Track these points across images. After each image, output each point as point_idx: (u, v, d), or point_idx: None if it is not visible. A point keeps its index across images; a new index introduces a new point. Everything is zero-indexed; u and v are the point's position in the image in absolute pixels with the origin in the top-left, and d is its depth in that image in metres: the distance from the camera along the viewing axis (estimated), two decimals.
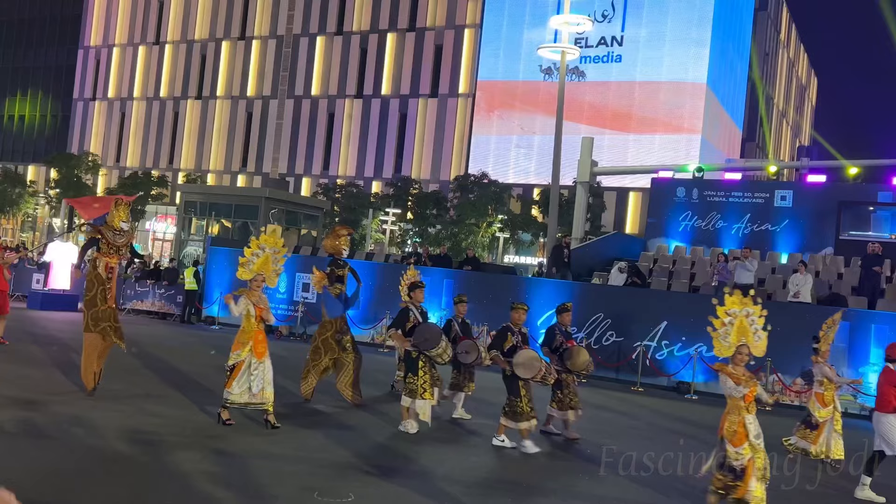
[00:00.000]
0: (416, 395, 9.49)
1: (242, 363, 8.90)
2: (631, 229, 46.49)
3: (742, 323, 7.20)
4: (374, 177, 55.57)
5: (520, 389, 9.02)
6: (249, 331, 8.99)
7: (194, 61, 62.97)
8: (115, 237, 10.39)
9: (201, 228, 32.13)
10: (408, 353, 9.80)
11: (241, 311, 8.99)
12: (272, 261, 9.32)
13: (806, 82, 77.91)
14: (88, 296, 10.32)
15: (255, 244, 9.30)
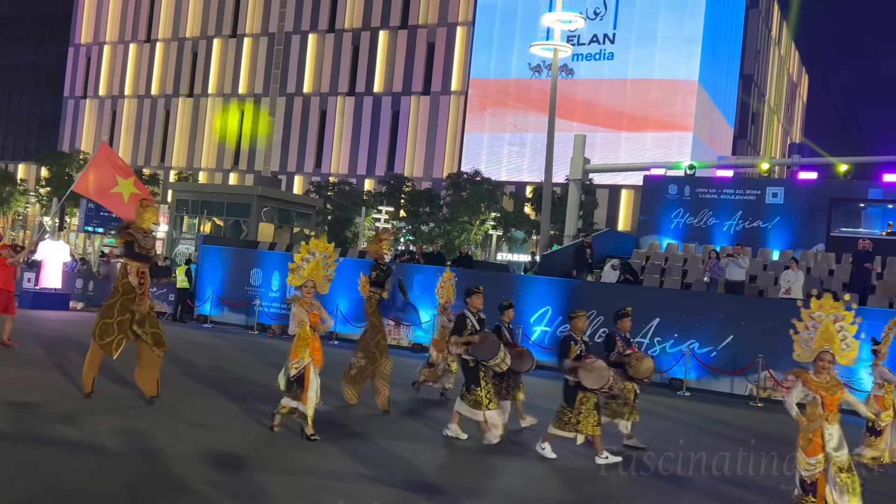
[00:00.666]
0: (482, 407, 9.12)
1: (308, 368, 8.52)
2: (623, 227, 46.60)
3: (828, 328, 6.92)
4: (366, 174, 55.52)
5: (576, 401, 8.73)
6: (305, 338, 8.61)
7: (186, 59, 62.78)
8: (144, 240, 9.77)
9: (193, 227, 32.05)
10: (465, 362, 9.38)
11: (301, 319, 8.60)
12: (322, 266, 8.99)
13: (797, 80, 78.17)
14: (108, 302, 9.72)
15: (304, 249, 8.96)
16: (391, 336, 19.52)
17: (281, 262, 21.44)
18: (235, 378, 12.88)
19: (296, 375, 8.51)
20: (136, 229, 9.75)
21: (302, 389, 8.47)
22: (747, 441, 10.88)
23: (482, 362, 9.24)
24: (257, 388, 11.75)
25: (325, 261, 9.00)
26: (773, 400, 15.46)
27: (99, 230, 30.93)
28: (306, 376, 8.49)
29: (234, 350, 16.59)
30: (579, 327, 9.21)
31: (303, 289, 8.77)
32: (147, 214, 9.83)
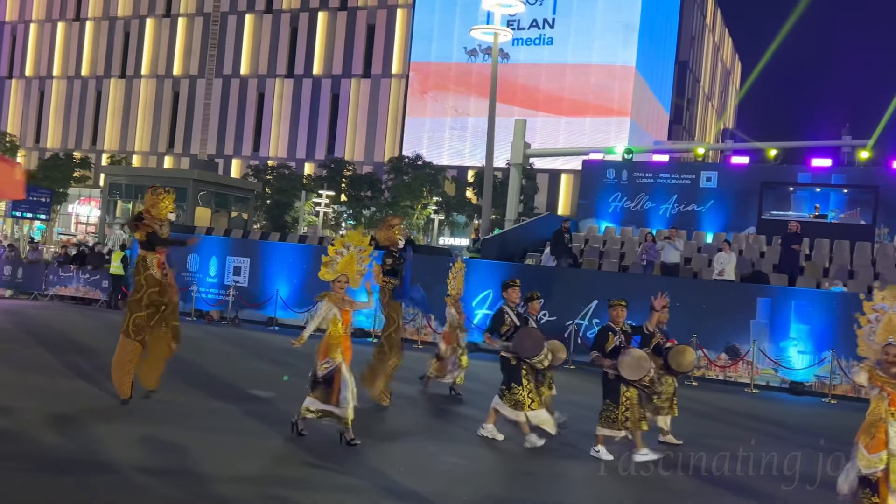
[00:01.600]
0: (524, 407, 8.60)
1: (340, 369, 8.05)
2: (563, 210, 47.15)
3: (892, 320, 6.48)
4: (306, 158, 54.88)
5: (620, 396, 8.30)
6: (337, 336, 8.11)
7: (117, 39, 60.92)
8: (160, 229, 9.46)
9: (127, 211, 31.26)
10: (505, 359, 8.85)
11: (325, 316, 8.15)
12: (356, 260, 8.46)
13: (730, 66, 79.98)
14: (135, 297, 9.36)
15: (339, 242, 8.46)
16: None
17: (218, 248, 21.09)
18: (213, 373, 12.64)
19: (325, 375, 8.02)
20: (153, 219, 9.37)
21: (332, 391, 7.98)
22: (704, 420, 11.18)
23: (525, 359, 8.69)
24: (235, 383, 11.56)
25: (360, 255, 8.51)
26: (706, 378, 15.90)
27: (27, 215, 29.89)
28: (337, 377, 8.01)
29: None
30: (618, 317, 8.65)
31: (335, 284, 8.27)
32: (164, 203, 9.47)
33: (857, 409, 14.38)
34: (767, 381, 15.53)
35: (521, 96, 49.41)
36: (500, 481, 7.60)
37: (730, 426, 11.24)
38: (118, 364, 9.25)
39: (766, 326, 15.69)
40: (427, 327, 18.47)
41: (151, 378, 9.59)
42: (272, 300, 19.87)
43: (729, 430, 10.86)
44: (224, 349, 15.06)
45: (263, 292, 20.12)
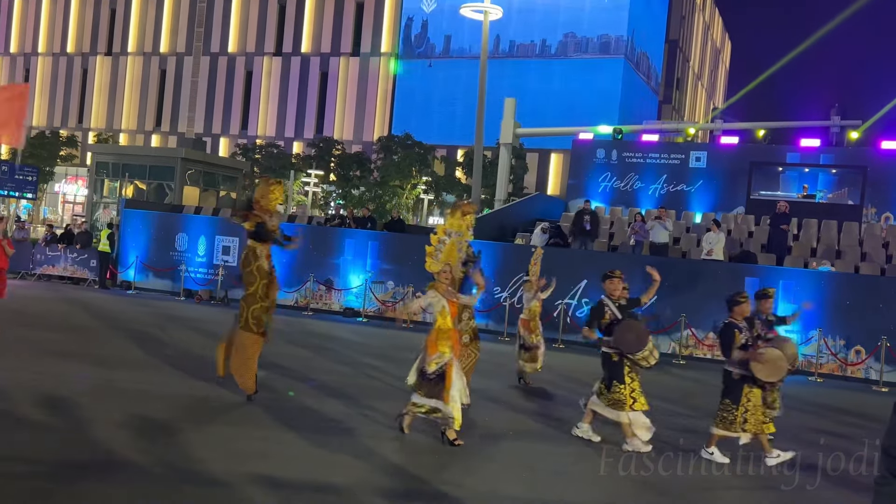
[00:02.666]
0: (626, 407, 7.97)
1: (451, 365, 7.66)
2: (553, 190, 47.14)
3: (453, 247, 6.80)
4: (294, 137, 54.56)
5: (742, 396, 7.78)
6: (446, 329, 7.71)
7: (103, 15, 60.16)
8: (270, 221, 9.13)
9: (114, 190, 31.04)
10: (606, 355, 8.24)
11: (434, 309, 7.77)
12: (458, 248, 7.97)
13: (720, 45, 79.83)
14: (250, 290, 9.05)
15: (440, 230, 7.99)
16: (321, 301, 19.44)
17: (207, 227, 21.00)
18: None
19: (436, 372, 7.65)
20: (263, 210, 9.09)
21: (443, 387, 7.58)
22: (675, 400, 11.27)
23: (628, 355, 8.06)
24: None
25: (461, 242, 8.02)
26: (694, 357, 16.03)
27: (14, 194, 29.66)
28: (448, 373, 7.61)
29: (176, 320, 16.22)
30: (743, 312, 8.05)
31: (441, 274, 7.81)
32: (274, 194, 9.20)
33: (843, 387, 14.58)
34: None
35: (511, 75, 49.24)
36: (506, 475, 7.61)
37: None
38: (242, 361, 8.94)
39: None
40: None
41: (225, 365, 9.33)
42: None
43: None
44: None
45: None
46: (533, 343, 11.24)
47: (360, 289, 18.98)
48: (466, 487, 6.47)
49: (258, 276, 9.06)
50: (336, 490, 6.17)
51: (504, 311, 17.30)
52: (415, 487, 6.51)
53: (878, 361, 14.95)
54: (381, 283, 18.78)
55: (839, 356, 15.24)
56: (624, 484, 7.03)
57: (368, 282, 18.78)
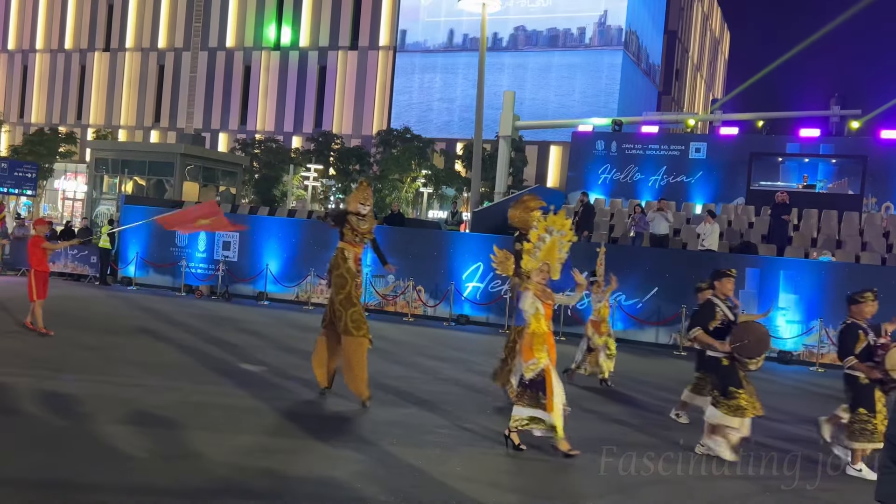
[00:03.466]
0: (745, 413, 7.44)
1: (549, 371, 7.23)
2: (552, 183, 47.10)
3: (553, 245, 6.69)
4: (293, 132, 54.49)
5: (875, 403, 7.25)
6: (542, 334, 7.30)
7: (101, 11, 60.02)
8: (358, 222, 8.94)
9: (114, 186, 31.02)
10: (715, 360, 7.69)
11: (528, 311, 7.34)
12: (558, 247, 7.53)
13: (719, 36, 79.65)
14: (343, 294, 8.84)
15: (541, 226, 7.52)
16: (322, 295, 19.43)
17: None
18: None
19: (533, 378, 7.25)
20: (353, 213, 8.96)
21: (545, 395, 7.18)
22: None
23: (745, 358, 7.46)
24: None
25: (561, 241, 7.55)
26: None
27: (13, 191, 29.62)
28: (548, 379, 7.20)
29: (187, 314, 16.22)
30: (866, 313, 7.56)
31: (538, 273, 7.40)
32: (359, 194, 9.04)
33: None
34: None
35: (510, 67, 49.12)
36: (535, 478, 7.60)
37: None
38: (351, 367, 8.71)
39: (755, 296, 15.78)
40: (418, 300, 18.47)
41: (325, 375, 9.14)
42: (262, 274, 19.84)
43: None
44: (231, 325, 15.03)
45: (253, 267, 20.08)
46: (598, 345, 11.01)
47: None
48: None
49: (349, 277, 8.91)
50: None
51: (504, 304, 17.30)
52: None
53: None
54: (382, 276, 18.78)
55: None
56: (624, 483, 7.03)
57: (368, 276, 18.78)
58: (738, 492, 6.84)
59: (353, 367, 8.70)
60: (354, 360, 8.69)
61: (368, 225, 9.04)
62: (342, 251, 8.96)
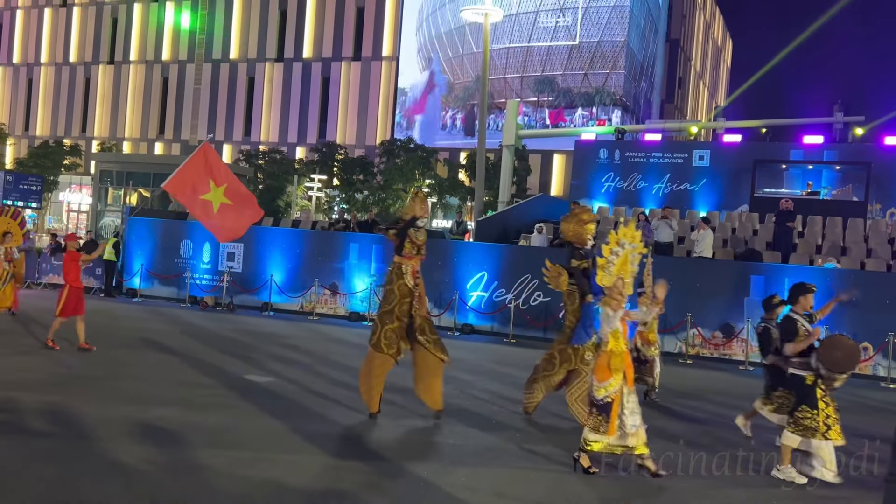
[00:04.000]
0: (818, 435, 7.18)
1: (621, 393, 6.99)
2: (556, 192, 47.09)
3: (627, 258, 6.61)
4: (297, 142, 54.62)
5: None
6: (619, 353, 7.02)
7: (105, 24, 60.34)
8: (416, 234, 8.63)
9: (118, 198, 31.12)
10: (796, 377, 7.50)
11: (604, 329, 7.12)
12: (630, 260, 7.27)
13: (722, 44, 79.74)
14: (386, 308, 8.65)
15: (613, 240, 7.24)
16: (327, 305, 19.44)
17: (211, 234, 21.01)
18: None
19: (604, 399, 6.96)
20: (408, 223, 8.67)
21: (608, 419, 6.92)
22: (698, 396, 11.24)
23: (826, 375, 7.29)
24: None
25: (633, 254, 7.27)
26: (701, 357, 15.98)
27: (18, 203, 29.74)
28: (616, 401, 6.95)
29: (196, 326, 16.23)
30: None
31: (612, 290, 7.11)
32: (416, 203, 8.74)
33: (850, 384, 14.42)
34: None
35: (512, 76, 49.21)
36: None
37: (728, 408, 11.27)
38: (365, 376, 8.70)
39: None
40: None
41: (433, 398, 8.83)
42: (266, 285, 19.86)
43: (728, 412, 10.89)
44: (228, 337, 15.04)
45: (258, 277, 20.10)
46: (649, 356, 10.66)
47: (365, 293, 18.98)
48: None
49: (398, 294, 8.61)
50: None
51: (509, 313, 17.28)
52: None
53: (886, 358, 14.90)
54: None
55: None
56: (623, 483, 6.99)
57: (373, 286, 18.78)
58: (739, 492, 6.82)
59: (371, 378, 8.60)
60: (375, 374, 8.59)
61: (424, 236, 8.77)
62: (399, 266, 8.66)
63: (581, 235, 8.88)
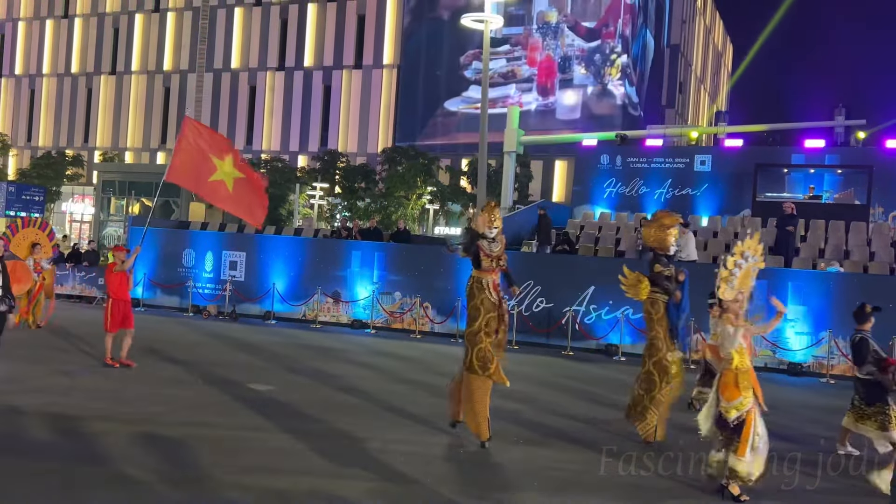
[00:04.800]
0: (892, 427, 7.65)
1: (752, 411, 6.71)
2: (558, 198, 47.10)
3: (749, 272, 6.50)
4: (299, 151, 54.72)
5: None
6: (745, 369, 6.75)
7: (107, 35, 60.57)
8: (490, 246, 8.26)
9: (121, 208, 31.18)
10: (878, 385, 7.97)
11: (727, 346, 6.86)
12: (751, 275, 7.07)
13: (722, 49, 79.83)
14: (473, 326, 8.15)
15: (737, 251, 7.04)
16: (329, 313, 19.43)
17: (214, 243, 21.06)
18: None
19: (737, 419, 6.70)
20: (482, 235, 8.27)
21: (738, 438, 6.64)
22: None
23: None
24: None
25: (755, 267, 7.03)
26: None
27: (21, 214, 29.80)
28: (748, 422, 6.66)
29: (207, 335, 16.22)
30: None
31: (734, 304, 6.89)
32: (491, 216, 8.32)
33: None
34: (766, 363, 15.58)
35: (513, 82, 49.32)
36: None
37: None
38: (467, 402, 8.17)
39: (762, 308, 15.66)
40: (425, 317, 18.43)
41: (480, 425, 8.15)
42: (269, 294, 19.87)
43: None
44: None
45: (260, 286, 20.11)
46: None
47: (368, 300, 18.98)
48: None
49: (482, 309, 8.16)
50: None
51: (513, 320, 17.25)
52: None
53: None
54: (389, 294, 18.78)
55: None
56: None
57: (376, 293, 18.79)
58: None
59: (474, 404, 8.09)
60: (476, 398, 8.07)
61: (501, 247, 8.36)
62: (479, 280, 8.26)
63: (664, 241, 8.79)
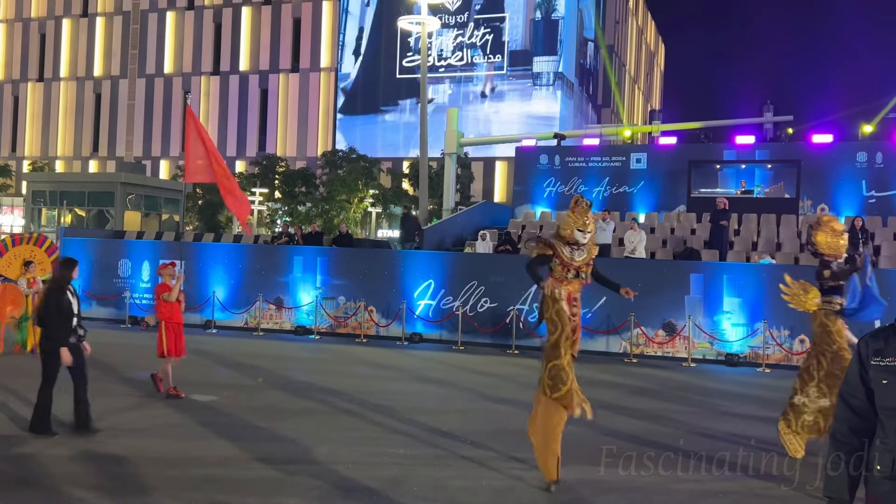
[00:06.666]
0: None
1: None
2: (499, 198, 47.48)
3: None
4: (237, 156, 53.96)
5: None
6: None
7: (33, 41, 58.76)
8: (572, 254, 7.12)
9: (52, 219, 30.29)
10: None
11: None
12: None
13: (654, 49, 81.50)
14: (552, 339, 7.11)
15: None
16: (272, 320, 19.19)
17: (150, 252, 20.60)
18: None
19: None
20: (559, 239, 7.20)
21: None
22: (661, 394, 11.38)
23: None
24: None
25: None
26: (645, 356, 16.25)
27: None
28: None
29: None
30: None
31: None
32: (584, 219, 7.10)
33: (790, 376, 14.86)
34: (704, 355, 15.95)
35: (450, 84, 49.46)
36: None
37: (683, 403, 11.48)
38: (539, 433, 6.94)
39: (700, 301, 16.09)
40: (370, 320, 18.37)
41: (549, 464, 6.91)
42: (209, 302, 19.51)
43: (684, 410, 11.08)
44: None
45: (200, 295, 19.73)
46: None
47: (311, 306, 18.81)
48: None
49: (559, 322, 7.09)
50: None
51: (457, 320, 17.32)
52: None
53: None
54: (332, 298, 18.63)
55: (784, 346, 15.60)
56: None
57: (319, 298, 18.63)
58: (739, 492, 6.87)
59: (546, 435, 6.86)
60: (548, 428, 6.85)
61: (587, 255, 7.17)
62: (552, 290, 7.25)
63: (839, 248, 8.41)
